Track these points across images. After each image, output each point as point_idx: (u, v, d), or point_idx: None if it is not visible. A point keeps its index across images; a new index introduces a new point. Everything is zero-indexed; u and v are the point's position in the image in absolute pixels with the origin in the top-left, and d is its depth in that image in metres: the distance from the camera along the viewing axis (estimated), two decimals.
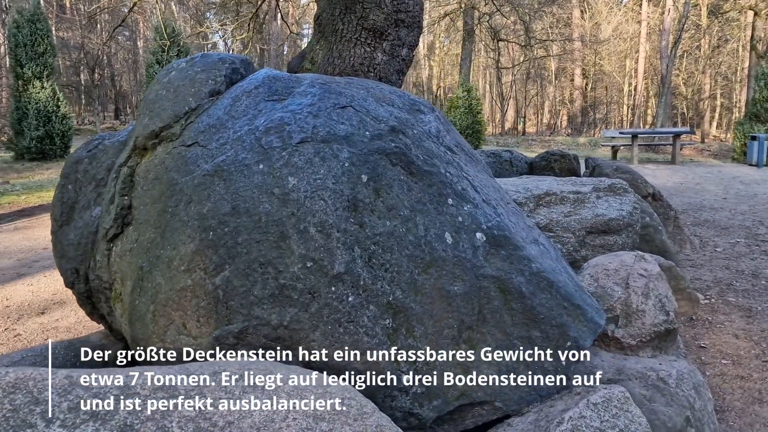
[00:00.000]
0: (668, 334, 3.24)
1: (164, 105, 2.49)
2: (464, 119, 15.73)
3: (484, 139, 16.80)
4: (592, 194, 4.77)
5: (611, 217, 4.54)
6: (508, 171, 9.87)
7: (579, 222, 4.46)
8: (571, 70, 33.99)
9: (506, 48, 30.95)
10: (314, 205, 2.01)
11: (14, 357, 2.83)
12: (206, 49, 23.92)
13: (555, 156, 9.60)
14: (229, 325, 2.03)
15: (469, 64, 23.05)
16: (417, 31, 4.53)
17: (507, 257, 2.39)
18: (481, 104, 16.42)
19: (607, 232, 4.57)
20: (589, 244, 4.51)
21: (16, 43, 15.07)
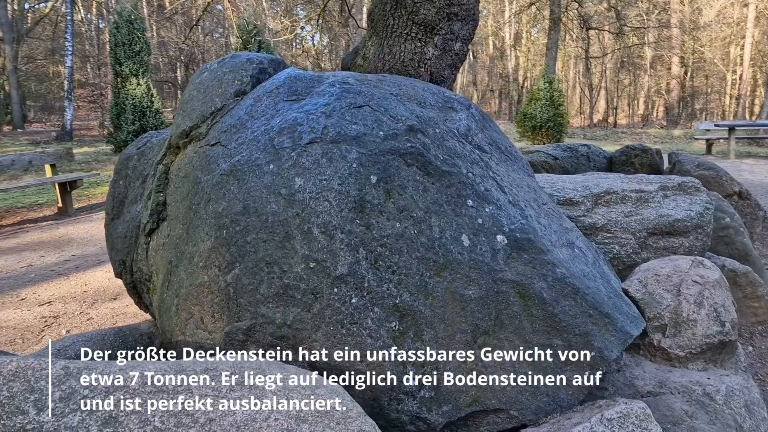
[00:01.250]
0: (723, 346, 3.01)
1: (194, 105, 2.57)
2: (545, 112, 15.24)
3: (566, 132, 16.23)
4: (658, 193, 4.51)
5: (677, 218, 4.26)
6: (584, 166, 9.50)
7: (640, 222, 4.22)
8: (668, 58, 32.17)
9: (597, 37, 29.76)
10: (318, 206, 2.02)
11: (66, 341, 3.02)
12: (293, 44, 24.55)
13: (636, 150, 9.14)
14: (239, 322, 2.08)
15: (555, 54, 22.32)
16: (472, 25, 4.43)
17: (529, 261, 2.31)
18: (563, 96, 15.85)
19: (672, 233, 4.30)
20: (651, 246, 4.26)
21: (116, 42, 16.05)
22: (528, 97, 16.64)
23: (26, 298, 5.18)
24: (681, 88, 32.08)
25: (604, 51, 28.70)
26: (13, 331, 4.48)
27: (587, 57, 25.91)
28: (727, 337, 2.98)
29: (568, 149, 9.48)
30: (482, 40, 36.00)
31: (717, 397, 2.68)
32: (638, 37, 26.48)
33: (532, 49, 34.22)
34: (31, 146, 18.39)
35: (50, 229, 7.91)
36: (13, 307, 4.94)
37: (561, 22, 22.33)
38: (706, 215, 4.46)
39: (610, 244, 4.12)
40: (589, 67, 28.21)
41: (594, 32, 26.70)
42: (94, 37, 31.63)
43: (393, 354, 2.04)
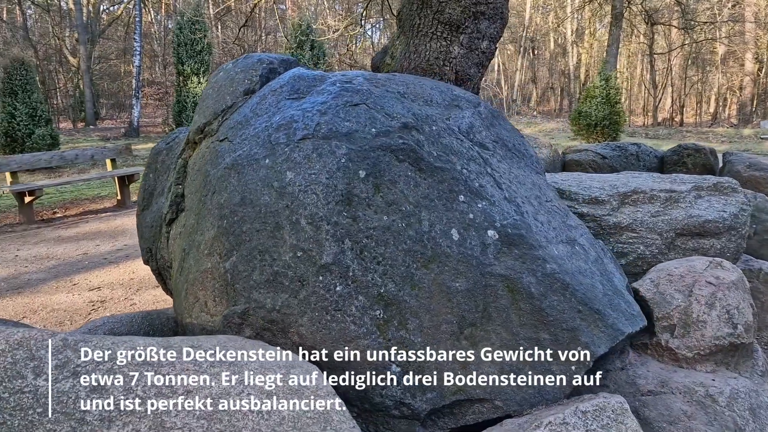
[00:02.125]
0: (736, 349, 2.96)
1: (209, 103, 2.74)
2: (601, 110, 14.88)
3: (623, 130, 15.80)
4: (691, 193, 4.41)
5: (708, 219, 4.17)
6: (634, 165, 9.29)
7: (668, 223, 4.14)
8: (741, 54, 30.73)
9: (663, 32, 28.76)
10: (306, 199, 2.14)
11: (97, 322, 3.27)
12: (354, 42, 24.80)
13: (688, 150, 8.88)
14: (235, 306, 2.23)
15: (615, 51, 21.74)
16: (500, 23, 4.46)
17: (520, 256, 2.36)
18: (620, 94, 15.43)
19: (702, 234, 4.20)
20: (679, 247, 4.18)
21: (178, 42, 16.73)
22: (583, 95, 16.31)
23: (78, 283, 5.55)
24: (755, 85, 30.59)
25: (670, 47, 27.70)
26: (63, 313, 4.82)
27: (651, 53, 25.07)
28: (739, 340, 2.93)
29: (618, 148, 9.30)
30: (543, 36, 35.39)
31: (720, 398, 2.65)
32: (708, 33, 25.40)
33: (595, 45, 33.38)
34: (101, 142, 19.39)
35: (107, 219, 8.38)
36: (66, 291, 5.31)
37: (623, 17, 21.73)
38: (741, 217, 4.33)
39: (634, 244, 4.08)
40: (653, 64, 27.29)
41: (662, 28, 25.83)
42: (162, 37, 32.91)
43: (376, 341, 2.14)
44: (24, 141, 13.57)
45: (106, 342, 1.78)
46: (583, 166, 9.56)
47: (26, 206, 8.04)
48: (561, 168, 9.92)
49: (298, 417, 1.68)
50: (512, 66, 35.21)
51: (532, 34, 33.89)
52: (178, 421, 1.61)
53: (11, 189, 7.99)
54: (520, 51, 33.43)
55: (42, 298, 5.13)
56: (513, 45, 35.41)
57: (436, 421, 2.33)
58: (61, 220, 8.41)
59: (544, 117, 30.53)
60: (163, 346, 1.82)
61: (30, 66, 14.01)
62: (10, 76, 13.59)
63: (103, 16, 31.73)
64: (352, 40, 12.91)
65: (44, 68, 27.62)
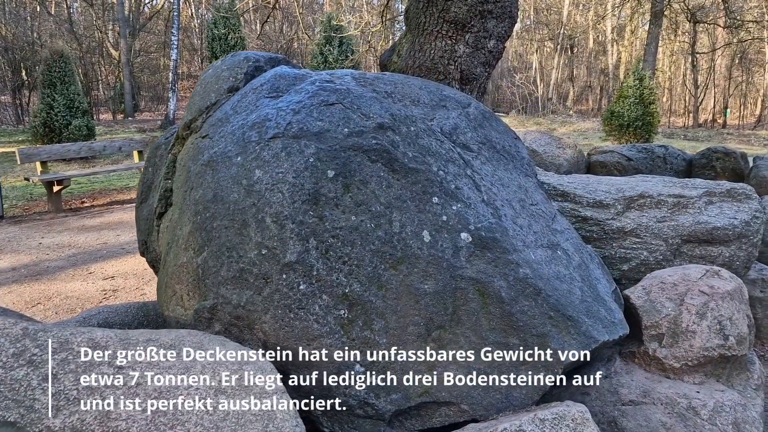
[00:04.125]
0: (727, 361, 2.87)
1: (195, 100, 2.79)
2: (634, 110, 14.52)
3: (656, 131, 15.41)
4: (701, 199, 4.29)
5: (716, 226, 4.05)
6: (660, 168, 9.10)
7: (674, 229, 4.04)
8: None
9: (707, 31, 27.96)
10: (272, 197, 2.16)
11: (93, 311, 3.36)
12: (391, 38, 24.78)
13: (717, 153, 8.66)
14: (205, 300, 2.27)
15: (654, 50, 21.27)
16: (508, 22, 4.41)
17: (492, 260, 2.34)
18: (654, 94, 15.04)
19: (710, 242, 4.09)
20: (685, 254, 4.07)
21: (212, 37, 17.00)
22: (616, 94, 15.95)
23: (94, 272, 5.71)
24: None
25: (713, 46, 26.91)
26: (75, 300, 4.97)
27: (693, 52, 24.39)
28: (729, 352, 2.84)
29: (644, 150, 9.12)
30: (582, 34, 34.78)
31: (702, 411, 2.58)
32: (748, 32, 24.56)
33: (636, 43, 32.64)
34: (137, 133, 19.83)
35: (131, 210, 8.58)
36: (81, 280, 5.46)
37: (663, 15, 21.21)
38: (753, 224, 4.21)
39: (637, 250, 4.01)
40: (695, 64, 26.53)
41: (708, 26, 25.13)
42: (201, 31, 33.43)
43: (340, 340, 2.16)
44: (61, 131, 13.97)
45: (65, 332, 1.83)
46: (607, 168, 9.38)
47: (55, 195, 8.30)
48: (585, 169, 9.75)
49: (242, 414, 1.71)
50: (549, 64, 34.70)
51: (571, 32, 33.33)
52: (124, 413, 1.65)
53: (40, 178, 8.25)
54: (557, 49, 32.91)
55: (57, 286, 5.29)
56: (552, 42, 34.89)
57: (403, 422, 2.33)
58: (88, 210, 8.65)
59: (581, 116, 30.02)
60: (120, 338, 1.86)
61: (68, 58, 14.40)
62: (49, 68, 14.00)
63: (146, 9, 32.41)
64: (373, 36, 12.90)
65: (87, 61, 28.35)
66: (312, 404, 2.27)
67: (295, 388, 2.25)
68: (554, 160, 9.30)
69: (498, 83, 34.20)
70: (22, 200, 9.23)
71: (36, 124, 14.09)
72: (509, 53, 38.71)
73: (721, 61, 30.59)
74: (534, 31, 35.92)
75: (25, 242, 6.73)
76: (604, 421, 2.65)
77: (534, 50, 34.91)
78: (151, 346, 1.85)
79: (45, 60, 14.21)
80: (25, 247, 6.54)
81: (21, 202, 9.10)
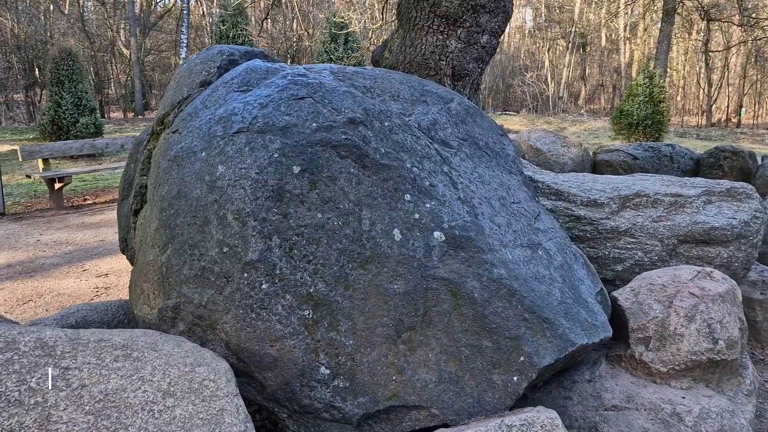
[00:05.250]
0: (716, 365, 2.77)
1: (169, 94, 2.73)
2: (643, 109, 14.30)
3: (666, 131, 15.17)
4: (700, 198, 4.17)
5: (714, 226, 3.93)
6: (667, 167, 8.95)
7: (670, 229, 3.93)
8: None
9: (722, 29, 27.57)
10: (234, 194, 2.10)
11: (72, 309, 3.31)
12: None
13: (725, 152, 8.50)
14: (168, 299, 2.21)
15: (666, 48, 20.99)
16: (502, 17, 4.32)
17: (466, 260, 2.26)
18: (664, 92, 14.82)
19: (707, 242, 3.97)
20: (682, 255, 3.96)
21: (220, 35, 16.98)
22: (626, 93, 15.73)
23: (88, 269, 5.68)
24: None
25: (728, 44, 26.52)
26: (67, 298, 4.94)
27: (706, 51, 24.05)
28: (719, 356, 2.74)
29: (650, 149, 8.99)
30: (594, 32, 34.45)
31: (686, 418, 2.49)
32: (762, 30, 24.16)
33: (649, 41, 32.28)
34: None
35: None
36: (75, 277, 5.44)
37: (675, 12, 20.93)
38: (753, 224, 4.09)
39: (632, 250, 3.90)
40: (709, 62, 26.17)
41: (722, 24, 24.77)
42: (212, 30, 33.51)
43: (304, 341, 2.09)
44: (69, 129, 14.03)
45: (12, 331, 1.78)
46: (613, 167, 9.25)
47: (56, 192, 8.30)
48: (591, 168, 9.62)
49: (190, 417, 1.65)
50: (561, 62, 34.41)
51: (583, 30, 33.03)
52: (65, 416, 1.59)
53: (41, 175, 8.26)
54: (569, 47, 32.63)
55: (51, 283, 5.27)
56: (564, 41, 34.61)
57: (373, 426, 2.26)
58: (89, 207, 8.65)
59: (592, 115, 29.74)
60: (70, 338, 1.81)
61: (77, 56, 14.46)
62: (57, 66, 14.06)
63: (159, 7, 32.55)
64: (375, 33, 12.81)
65: (99, 59, 28.51)
66: (277, 407, 2.21)
67: (260, 391, 2.19)
68: (558, 159, 9.17)
69: (509, 82, 33.99)
70: (25, 197, 9.26)
71: (44, 121, 14.16)
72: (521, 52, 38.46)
73: (736, 59, 30.17)
74: (546, 30, 35.64)
75: (24, 239, 6.74)
76: (585, 427, 2.56)
77: (546, 49, 34.63)
78: (102, 347, 1.80)
79: (53, 58, 14.27)
80: (23, 243, 6.54)
81: (24, 199, 9.13)
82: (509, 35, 41.50)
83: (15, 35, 23.98)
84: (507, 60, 36.46)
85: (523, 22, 42.03)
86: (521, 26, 41.50)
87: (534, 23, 38.64)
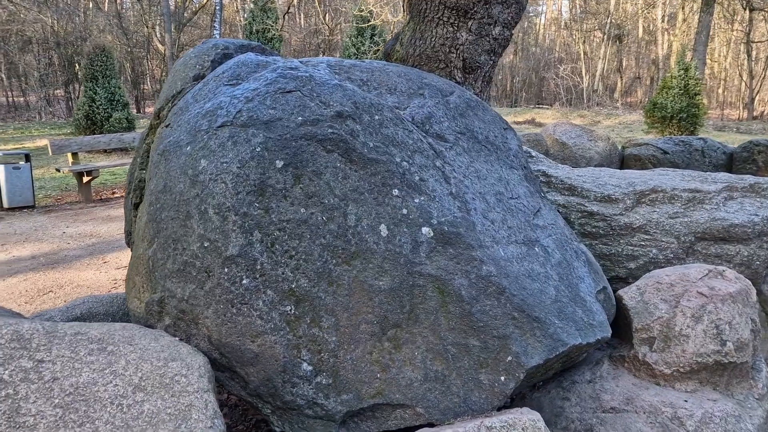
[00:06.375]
0: (724, 368, 2.66)
1: (165, 88, 2.74)
2: (678, 101, 13.88)
3: (702, 124, 14.70)
4: (720, 194, 4.02)
5: (734, 223, 3.78)
6: (698, 162, 8.69)
7: (686, 225, 3.80)
8: None
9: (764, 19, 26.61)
10: (215, 188, 2.08)
11: (78, 301, 3.37)
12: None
13: (759, 146, 8.22)
14: (154, 293, 2.22)
15: (705, 38, 20.37)
16: (515, 8, 4.22)
17: (454, 256, 2.21)
18: (700, 84, 14.35)
19: (727, 240, 3.82)
20: (699, 253, 3.82)
21: (250, 30, 17.12)
22: (659, 85, 15.31)
23: (109, 261, 5.79)
24: None
25: None
26: (86, 289, 5.04)
27: (748, 41, 23.26)
28: (726, 358, 2.63)
29: (681, 143, 8.74)
30: (632, 23, 33.66)
31: (687, 422, 2.39)
32: None
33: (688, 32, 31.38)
34: None
35: None
36: (95, 269, 5.55)
37: (715, 2, 20.29)
38: None
39: (646, 247, 3.78)
40: (751, 53, 25.30)
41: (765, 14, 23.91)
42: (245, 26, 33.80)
43: (285, 337, 2.07)
44: (102, 124, 14.34)
45: None
46: (642, 161, 9.02)
47: (85, 186, 8.48)
48: (619, 162, 9.40)
49: (157, 412, 1.64)
50: (597, 55, 33.73)
51: (620, 21, 32.30)
52: (34, 408, 1.60)
53: (70, 169, 8.45)
54: (605, 39, 31.96)
55: (71, 274, 5.39)
56: (600, 32, 33.90)
57: (359, 424, 2.23)
58: (117, 200, 8.82)
59: (628, 108, 29.10)
60: (47, 331, 1.82)
61: (110, 52, 14.75)
62: (91, 62, 14.37)
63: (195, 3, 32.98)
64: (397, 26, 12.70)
65: (135, 55, 29.08)
66: (261, 403, 2.20)
67: (243, 386, 2.18)
68: (585, 153, 8.98)
69: (542, 75, 33.48)
70: (56, 190, 9.49)
71: (79, 116, 14.51)
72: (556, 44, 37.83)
73: None
74: (582, 21, 34.97)
75: (50, 231, 6.90)
76: (580, 429, 2.49)
77: (581, 41, 33.98)
78: (78, 340, 1.81)
79: (87, 55, 14.59)
80: (49, 236, 6.70)
81: (55, 192, 9.36)
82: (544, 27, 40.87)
83: (55, 32, 24.60)
84: (541, 52, 35.93)
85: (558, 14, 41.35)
86: (557, 18, 40.84)
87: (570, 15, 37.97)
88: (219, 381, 2.21)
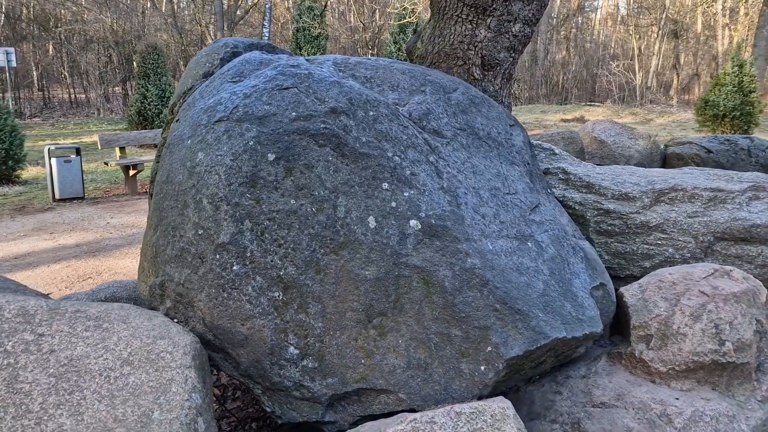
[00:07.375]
0: (722, 368, 2.63)
1: (179, 86, 2.89)
2: (731, 99, 13.40)
3: (757, 122, 14.13)
4: (745, 194, 3.93)
5: (756, 223, 3.69)
6: (744, 162, 8.40)
7: (705, 225, 3.73)
8: None
9: None
10: (210, 179, 2.21)
11: (103, 286, 3.58)
12: None
13: None
14: (156, 277, 2.37)
15: (767, 34, 19.59)
16: (536, 5, 4.22)
17: (440, 248, 2.28)
18: (755, 81, 13.80)
19: (748, 240, 3.74)
20: (719, 253, 3.75)
21: (297, 28, 17.42)
22: (712, 82, 14.79)
23: None
24: None
25: None
26: (122, 276, 5.30)
27: None
28: (724, 358, 2.60)
29: (726, 142, 8.49)
30: (688, 18, 32.55)
31: (676, 419, 2.39)
32: None
33: (751, 27, 30.15)
34: None
35: None
36: (132, 258, 5.82)
37: None
38: None
39: (662, 246, 3.75)
40: None
41: None
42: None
43: (273, 321, 2.18)
44: (153, 120, 14.88)
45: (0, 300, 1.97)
46: (684, 161, 8.78)
47: (131, 178, 8.87)
48: (661, 161, 9.18)
49: (140, 384, 1.77)
50: (651, 51, 32.78)
51: (676, 16, 31.30)
52: (30, 377, 1.76)
53: (117, 162, 8.85)
54: (659, 35, 31.03)
55: (110, 262, 5.67)
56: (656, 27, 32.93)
57: (346, 408, 2.32)
58: None
59: (684, 106, 28.18)
60: (50, 308, 1.98)
61: (161, 51, 15.29)
62: (144, 60, 14.92)
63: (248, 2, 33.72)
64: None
65: (189, 53, 29.93)
66: (252, 383, 2.31)
67: (235, 367, 2.31)
68: (624, 152, 8.81)
69: (594, 71, 32.78)
70: (106, 183, 9.93)
71: (131, 112, 15.10)
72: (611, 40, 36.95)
73: None
74: (638, 16, 34.05)
75: (95, 221, 7.26)
76: (568, 422, 2.51)
77: (636, 36, 33.09)
78: (77, 317, 1.96)
79: (140, 53, 15.16)
80: (93, 225, 7.05)
81: (104, 185, 9.80)
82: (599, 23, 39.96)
83: (114, 32, 25.60)
84: (595, 49, 35.18)
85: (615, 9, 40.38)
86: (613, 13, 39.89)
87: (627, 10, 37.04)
88: (214, 361, 2.34)
